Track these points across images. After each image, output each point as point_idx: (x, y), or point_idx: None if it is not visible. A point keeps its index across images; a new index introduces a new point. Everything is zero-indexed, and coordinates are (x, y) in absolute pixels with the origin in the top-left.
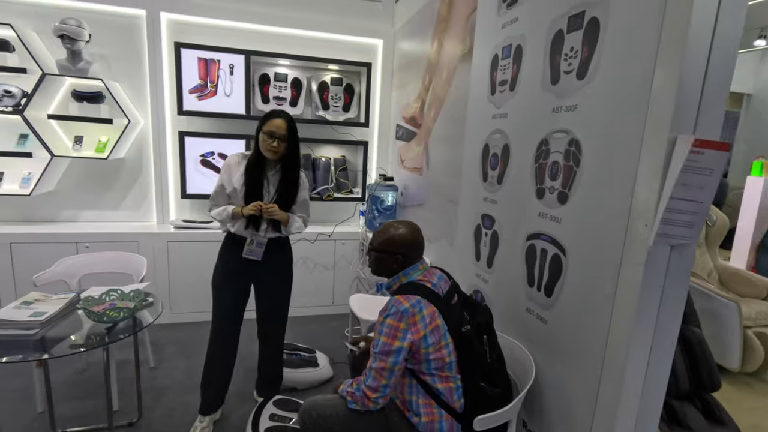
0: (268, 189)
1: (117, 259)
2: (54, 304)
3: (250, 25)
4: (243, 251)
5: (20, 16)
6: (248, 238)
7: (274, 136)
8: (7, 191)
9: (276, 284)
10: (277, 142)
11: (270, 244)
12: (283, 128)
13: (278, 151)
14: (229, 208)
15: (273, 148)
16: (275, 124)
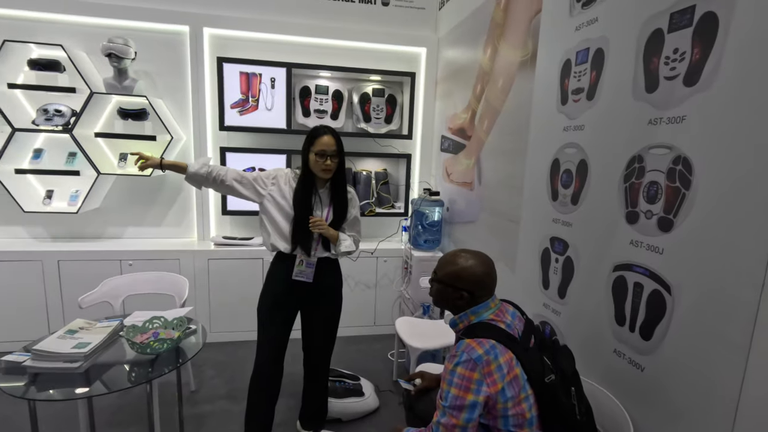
0: (320, 207)
1: (160, 280)
2: (98, 333)
3: (291, 38)
4: (293, 273)
5: (70, 36)
6: (298, 258)
7: (326, 155)
8: (56, 209)
9: (324, 309)
10: (330, 160)
11: (319, 265)
12: (332, 145)
13: (332, 169)
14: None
15: (327, 167)
16: (324, 143)
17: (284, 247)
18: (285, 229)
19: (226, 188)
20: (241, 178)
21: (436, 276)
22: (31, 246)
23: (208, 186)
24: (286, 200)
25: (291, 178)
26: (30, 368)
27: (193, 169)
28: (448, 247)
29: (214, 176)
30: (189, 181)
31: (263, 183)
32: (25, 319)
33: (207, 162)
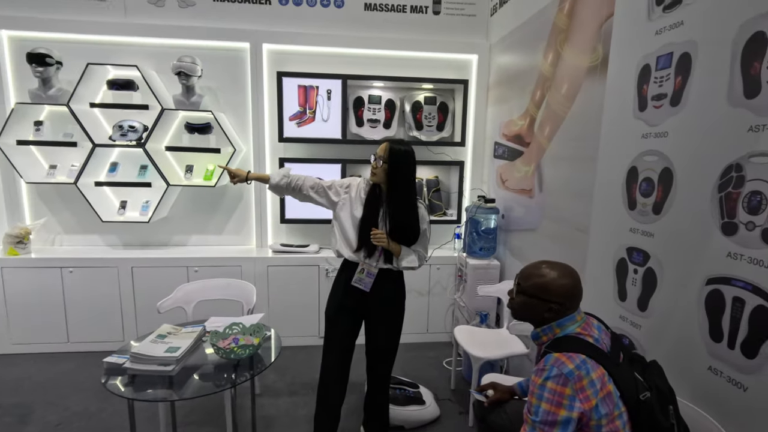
0: (384, 218)
1: (228, 287)
2: (184, 338)
3: (345, 50)
4: (353, 279)
5: (143, 57)
6: (359, 266)
7: (376, 158)
8: (129, 218)
9: (386, 319)
10: (376, 162)
11: (381, 276)
12: (383, 149)
13: (376, 172)
14: (294, 177)
15: (372, 168)
16: (379, 147)
17: (348, 254)
18: (351, 237)
19: (303, 196)
20: (316, 186)
21: (520, 287)
22: (107, 253)
23: (288, 194)
24: (355, 209)
25: (363, 188)
26: (129, 370)
27: (274, 180)
28: (503, 255)
29: (292, 186)
30: (272, 191)
31: (336, 191)
32: (102, 322)
33: (287, 173)
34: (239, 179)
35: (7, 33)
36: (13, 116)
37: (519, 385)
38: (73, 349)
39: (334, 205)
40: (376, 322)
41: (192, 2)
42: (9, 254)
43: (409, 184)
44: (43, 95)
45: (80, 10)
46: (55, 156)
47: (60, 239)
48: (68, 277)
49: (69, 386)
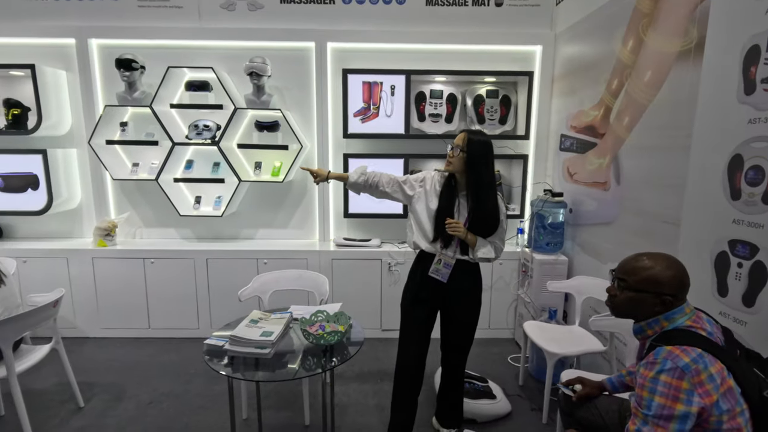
0: (458, 209)
1: (300, 278)
2: (275, 324)
3: (407, 45)
4: (430, 269)
5: (216, 59)
6: (436, 257)
7: (451, 146)
8: (203, 212)
9: (462, 311)
10: (452, 151)
11: (458, 267)
12: (460, 139)
13: (452, 161)
14: (371, 174)
15: (448, 157)
16: (457, 137)
17: (425, 245)
18: (427, 228)
19: (379, 193)
20: (391, 182)
21: (625, 283)
22: (183, 246)
23: (365, 192)
24: (431, 201)
25: (437, 180)
26: (229, 351)
27: (353, 179)
28: (571, 250)
29: (369, 183)
30: (350, 189)
31: (411, 185)
32: (179, 309)
33: (364, 171)
34: (321, 179)
35: (96, 41)
36: (102, 118)
37: (609, 380)
38: (153, 335)
39: (410, 198)
40: (453, 314)
41: (260, 5)
42: (99, 246)
43: (487, 174)
44: (129, 98)
45: (159, 17)
46: (136, 154)
47: (140, 232)
48: (150, 268)
49: (154, 368)
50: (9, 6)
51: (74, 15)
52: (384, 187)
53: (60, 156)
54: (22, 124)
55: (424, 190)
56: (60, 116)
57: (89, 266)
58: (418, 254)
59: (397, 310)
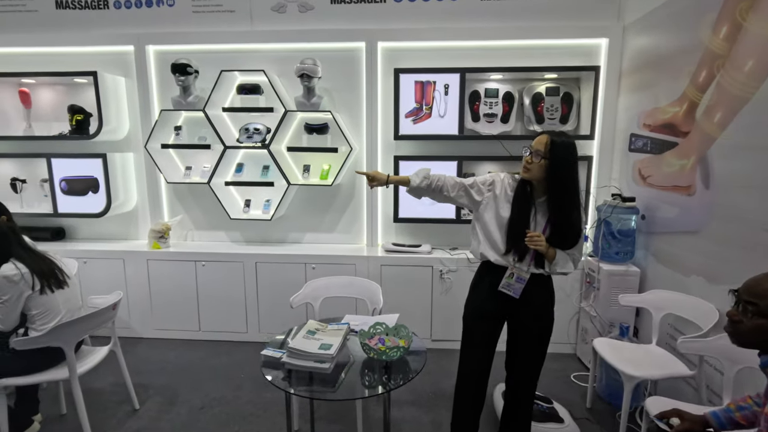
0: (535, 217)
1: (352, 285)
2: (333, 335)
3: (459, 43)
4: (501, 284)
5: (267, 62)
6: (508, 270)
7: (530, 151)
8: (253, 216)
9: (532, 327)
10: (531, 157)
11: (530, 281)
12: (541, 143)
13: (530, 168)
14: (434, 177)
15: (525, 163)
16: (538, 141)
17: (494, 257)
18: (497, 238)
19: (443, 197)
20: (457, 185)
21: (756, 308)
22: (233, 249)
23: (428, 196)
24: (501, 208)
25: (508, 185)
26: (288, 364)
27: (415, 183)
28: (645, 260)
29: (432, 187)
30: (411, 194)
31: (479, 189)
32: (228, 313)
33: (427, 174)
34: (378, 183)
35: (153, 48)
36: (158, 122)
37: (713, 415)
38: (203, 337)
39: (477, 204)
40: (524, 331)
41: (311, 6)
42: (153, 248)
43: (573, 181)
44: (183, 102)
45: (212, 22)
46: (189, 158)
47: (191, 235)
48: (201, 270)
49: (205, 372)
50: (75, 17)
51: (133, 23)
52: (449, 192)
53: (118, 160)
54: (84, 130)
55: (493, 196)
56: (118, 121)
57: (144, 268)
58: (484, 265)
59: (448, 319)
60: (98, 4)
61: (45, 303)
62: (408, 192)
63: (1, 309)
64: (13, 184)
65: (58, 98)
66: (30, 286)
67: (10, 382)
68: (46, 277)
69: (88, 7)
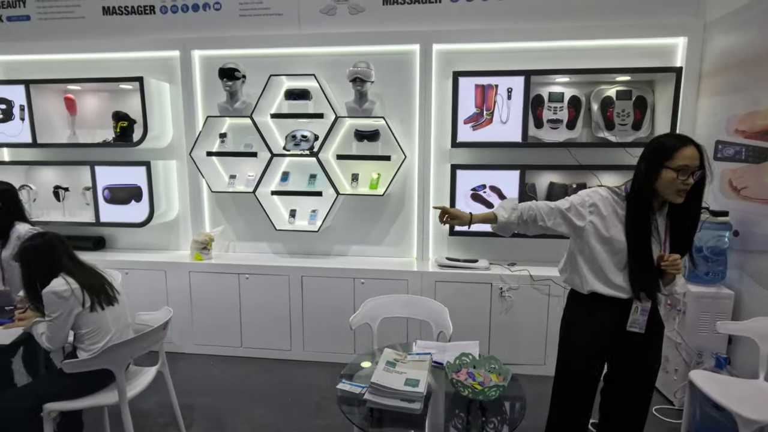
0: (658, 237)
1: (412, 304)
2: (416, 368)
3: (522, 44)
4: (628, 322)
5: (315, 66)
6: (634, 305)
7: (688, 171)
8: (298, 227)
9: (647, 364)
10: (692, 177)
11: None
12: (696, 159)
13: (687, 190)
14: (523, 207)
15: (686, 187)
16: (688, 156)
17: (606, 290)
18: (610, 268)
19: (537, 228)
20: (552, 212)
21: None
22: (278, 261)
23: (519, 231)
24: (613, 231)
25: (614, 203)
26: (370, 402)
27: (503, 218)
28: (739, 282)
29: (524, 219)
30: (498, 231)
31: (579, 213)
32: (271, 329)
33: (514, 205)
34: (460, 222)
35: (198, 53)
36: (203, 129)
37: None
38: (245, 353)
39: (579, 231)
40: (632, 368)
41: (362, 8)
42: (195, 259)
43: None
44: (230, 108)
45: (260, 26)
46: (232, 166)
47: (233, 246)
48: (244, 284)
49: (250, 393)
50: (121, 22)
51: (179, 28)
52: (543, 221)
53: (161, 168)
54: (128, 137)
55: (599, 218)
56: (162, 128)
57: (186, 280)
58: (580, 297)
59: (509, 340)
60: (144, 9)
61: (95, 321)
62: (496, 230)
63: (50, 327)
64: (56, 192)
65: (102, 105)
66: (80, 302)
67: (58, 406)
68: (96, 293)
69: (135, 13)
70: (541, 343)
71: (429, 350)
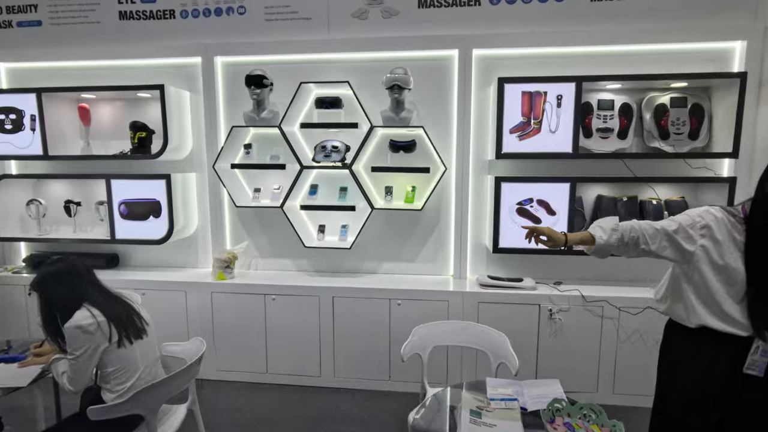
0: None
1: (465, 331)
2: (506, 417)
3: (567, 49)
4: (746, 363)
5: (345, 73)
6: (754, 344)
7: None
8: (329, 244)
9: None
10: None
11: None
12: None
13: None
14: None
15: None
16: None
17: (721, 326)
18: (725, 300)
19: (639, 252)
20: (657, 235)
21: None
22: (307, 281)
23: (618, 254)
24: (730, 257)
25: (730, 226)
26: None
27: (602, 240)
28: None
29: (625, 241)
30: (596, 255)
31: (688, 235)
32: (299, 353)
33: (615, 225)
34: (553, 243)
35: (221, 59)
36: (227, 140)
37: None
38: (271, 380)
39: (689, 256)
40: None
41: (396, 11)
42: (218, 279)
43: None
44: (257, 117)
45: (286, 31)
46: (256, 179)
47: (255, 263)
48: (270, 305)
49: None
50: (139, 27)
51: (201, 33)
52: (647, 244)
53: (179, 181)
54: (146, 148)
55: (712, 242)
56: (181, 139)
57: (207, 300)
58: (691, 331)
59: (557, 366)
60: (164, 14)
61: (123, 357)
62: (591, 253)
63: (73, 366)
64: (67, 207)
65: (117, 115)
66: (107, 337)
67: None
68: (124, 326)
69: (153, 18)
70: (593, 369)
71: (509, 393)
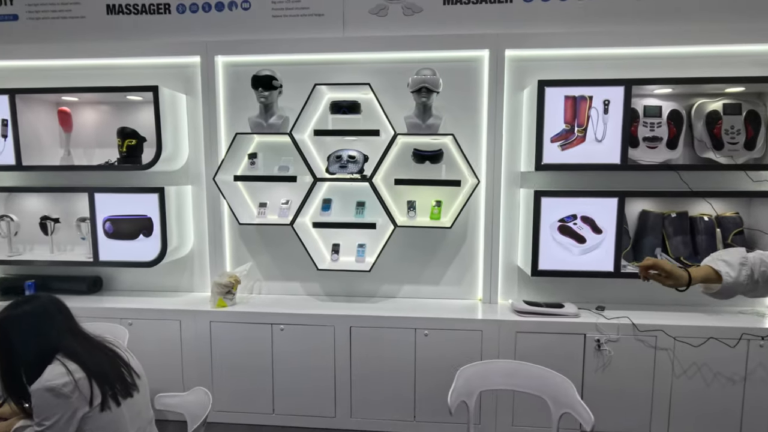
0: None
1: (518, 373)
2: None
3: (607, 50)
4: None
5: (362, 75)
6: None
7: None
8: (345, 266)
9: None
10: None
11: None
12: None
13: None
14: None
15: None
16: None
17: None
18: None
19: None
20: None
21: None
22: (319, 308)
23: (746, 294)
24: None
25: None
26: None
27: (731, 277)
28: None
29: (756, 278)
30: (720, 297)
31: None
32: (311, 391)
33: (742, 259)
34: (675, 282)
35: (222, 59)
36: (230, 149)
37: None
38: (278, 422)
39: None
40: None
41: (418, 8)
42: (218, 306)
43: None
44: (264, 123)
45: (296, 28)
46: (259, 192)
47: (259, 287)
48: (278, 336)
49: None
50: (129, 23)
51: (200, 30)
52: None
53: (173, 195)
54: (136, 158)
55: None
56: (176, 148)
57: (206, 331)
58: None
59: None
60: (158, 8)
61: (107, 424)
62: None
63: None
64: (44, 223)
65: (103, 120)
66: (87, 400)
67: None
68: (109, 383)
69: (146, 12)
70: (645, 408)
71: None
